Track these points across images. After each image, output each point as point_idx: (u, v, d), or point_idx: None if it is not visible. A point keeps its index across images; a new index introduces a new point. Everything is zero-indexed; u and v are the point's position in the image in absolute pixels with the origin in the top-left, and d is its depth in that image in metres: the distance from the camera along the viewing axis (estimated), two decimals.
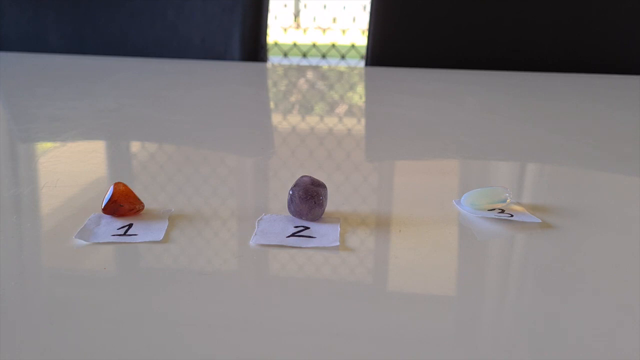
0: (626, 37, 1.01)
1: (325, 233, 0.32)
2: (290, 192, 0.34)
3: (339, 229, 0.33)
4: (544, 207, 0.37)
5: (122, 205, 0.33)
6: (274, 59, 1.86)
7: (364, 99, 0.83)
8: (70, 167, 0.45)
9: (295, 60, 2.03)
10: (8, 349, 0.22)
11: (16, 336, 0.23)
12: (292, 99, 0.79)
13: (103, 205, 0.33)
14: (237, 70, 1.00)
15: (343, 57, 2.09)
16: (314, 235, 0.32)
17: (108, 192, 0.33)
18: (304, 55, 2.09)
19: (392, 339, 0.23)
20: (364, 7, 2.49)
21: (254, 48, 1.06)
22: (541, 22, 1.02)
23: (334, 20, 2.66)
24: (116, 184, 0.33)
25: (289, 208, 0.34)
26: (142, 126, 0.60)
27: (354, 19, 2.66)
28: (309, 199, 0.33)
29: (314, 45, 2.20)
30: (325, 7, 2.63)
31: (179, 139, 0.55)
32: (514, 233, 0.33)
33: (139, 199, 0.34)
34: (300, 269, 0.29)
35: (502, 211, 0.36)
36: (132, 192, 0.34)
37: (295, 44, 2.21)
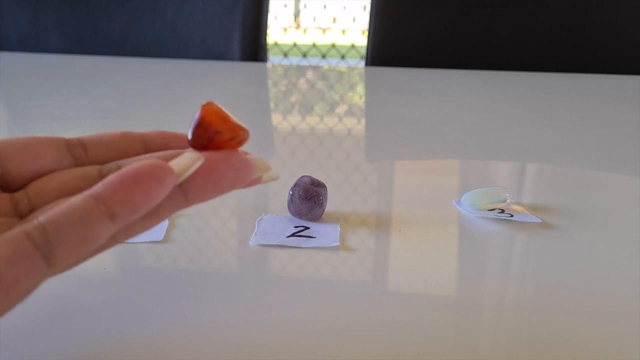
0: (626, 37, 1.01)
1: (325, 233, 0.32)
2: (290, 192, 0.34)
3: (339, 229, 0.33)
4: (544, 207, 0.37)
5: (220, 131, 0.21)
6: (274, 59, 1.86)
7: (364, 99, 0.83)
8: None
9: (295, 60, 2.03)
10: (8, 349, 0.22)
11: (16, 336, 0.23)
12: (292, 99, 0.79)
13: (190, 136, 0.21)
14: (237, 70, 1.00)
15: (343, 57, 2.09)
16: (314, 235, 0.32)
17: (194, 118, 0.21)
18: (304, 55, 2.09)
19: (392, 339, 0.23)
20: (364, 7, 2.49)
21: (254, 48, 1.06)
22: (541, 23, 1.02)
23: (334, 20, 2.66)
24: (207, 104, 0.22)
25: (289, 208, 0.34)
26: (142, 126, 0.60)
27: (354, 19, 2.66)
28: (309, 199, 0.33)
29: (314, 45, 2.20)
30: (325, 7, 2.63)
31: None
32: (514, 233, 0.33)
33: (240, 124, 0.22)
34: (300, 269, 0.29)
35: (502, 211, 0.36)
36: (228, 114, 0.22)
37: (295, 44, 2.21)
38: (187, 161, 0.20)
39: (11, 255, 0.17)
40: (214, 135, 0.21)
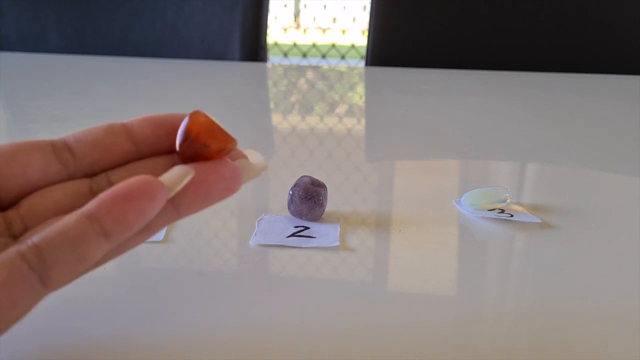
0: (626, 37, 1.01)
1: (325, 233, 0.32)
2: (290, 192, 0.34)
3: (339, 229, 0.33)
4: (544, 207, 0.37)
5: (208, 144, 0.21)
6: (274, 59, 1.86)
7: (364, 99, 0.83)
8: None
9: (295, 60, 2.03)
10: (8, 349, 0.22)
11: (16, 336, 0.23)
12: (292, 99, 0.79)
13: (178, 148, 0.21)
14: (237, 70, 1.00)
15: (343, 57, 2.09)
16: (314, 235, 0.32)
17: (180, 127, 0.21)
18: (304, 55, 2.09)
19: (392, 339, 0.23)
20: (364, 7, 2.49)
21: (254, 48, 1.06)
22: (541, 23, 1.02)
23: (334, 20, 2.66)
24: (194, 114, 0.21)
25: (289, 208, 0.34)
26: None
27: (354, 19, 2.66)
28: (309, 199, 0.33)
29: (314, 45, 2.20)
30: (325, 7, 2.63)
31: None
32: (514, 233, 0.33)
33: (229, 134, 0.21)
34: (300, 269, 0.29)
35: (502, 211, 0.36)
36: (217, 124, 0.21)
37: (295, 44, 2.21)
38: (177, 176, 0.20)
39: (6, 278, 0.17)
40: (202, 148, 0.21)
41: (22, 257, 0.17)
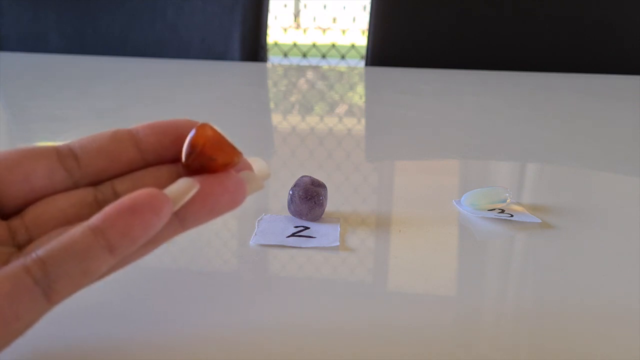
0: (626, 37, 1.01)
1: (325, 233, 0.32)
2: (290, 192, 0.34)
3: (339, 229, 0.33)
4: (544, 207, 0.37)
5: (215, 158, 0.21)
6: (274, 59, 1.86)
7: (364, 99, 0.83)
8: None
9: (295, 60, 2.03)
10: (8, 349, 0.22)
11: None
12: (292, 99, 0.79)
13: (184, 160, 0.21)
14: (237, 70, 1.00)
15: (343, 57, 2.09)
16: (314, 235, 0.32)
17: (187, 140, 0.21)
18: (304, 55, 2.09)
19: (392, 339, 0.23)
20: (364, 7, 2.49)
21: (254, 48, 1.06)
22: (541, 22, 1.02)
23: (334, 20, 2.67)
24: (201, 127, 0.21)
25: (289, 208, 0.34)
26: None
27: (354, 19, 2.67)
28: (309, 199, 0.33)
29: (314, 45, 2.20)
30: (325, 7, 2.64)
31: None
32: (514, 233, 0.33)
33: (235, 147, 0.21)
34: (300, 269, 0.29)
35: (502, 211, 0.36)
36: (224, 138, 0.21)
37: (295, 44, 2.21)
38: (182, 189, 0.20)
39: (11, 291, 0.17)
40: (208, 162, 0.21)
41: (26, 271, 0.17)
